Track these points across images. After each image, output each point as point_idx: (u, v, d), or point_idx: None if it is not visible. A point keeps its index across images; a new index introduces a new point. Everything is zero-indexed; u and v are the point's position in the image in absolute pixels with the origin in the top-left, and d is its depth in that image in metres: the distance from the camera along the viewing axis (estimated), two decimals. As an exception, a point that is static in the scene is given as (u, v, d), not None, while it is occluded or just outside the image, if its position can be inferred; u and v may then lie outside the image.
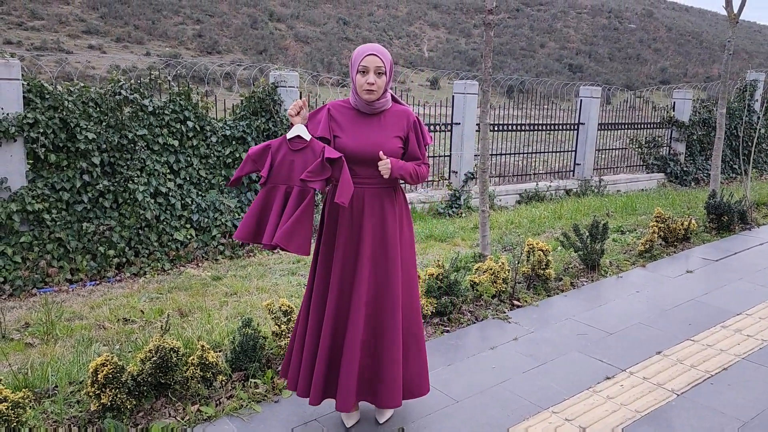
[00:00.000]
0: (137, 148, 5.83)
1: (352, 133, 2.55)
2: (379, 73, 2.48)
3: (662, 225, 5.87)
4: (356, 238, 2.58)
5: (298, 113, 2.55)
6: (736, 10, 7.27)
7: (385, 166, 2.50)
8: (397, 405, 2.65)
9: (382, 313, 2.60)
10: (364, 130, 2.55)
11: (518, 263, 4.55)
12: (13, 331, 4.13)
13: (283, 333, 3.28)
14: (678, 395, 3.10)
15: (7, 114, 5.16)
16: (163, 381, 2.82)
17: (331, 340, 2.60)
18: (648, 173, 11.31)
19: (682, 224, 6.00)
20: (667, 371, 3.35)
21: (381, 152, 2.51)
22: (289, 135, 2.50)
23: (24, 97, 5.26)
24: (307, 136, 2.49)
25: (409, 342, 2.70)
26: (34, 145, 5.30)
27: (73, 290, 5.26)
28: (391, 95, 2.64)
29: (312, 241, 2.53)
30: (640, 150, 11.48)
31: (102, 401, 2.66)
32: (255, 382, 3.05)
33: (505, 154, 9.69)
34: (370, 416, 2.82)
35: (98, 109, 5.63)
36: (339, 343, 2.61)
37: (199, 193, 6.34)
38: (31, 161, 5.41)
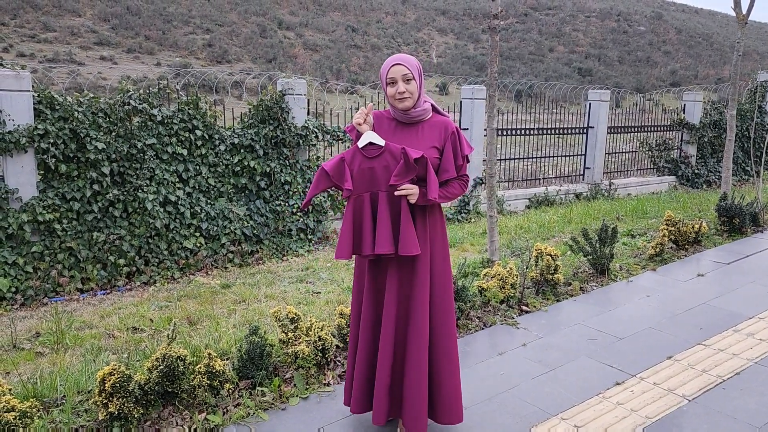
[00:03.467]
0: (146, 157, 5.87)
1: (390, 142, 2.53)
2: (407, 80, 2.48)
3: (673, 228, 5.82)
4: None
5: (365, 121, 2.54)
6: (744, 11, 7.22)
7: (410, 191, 2.43)
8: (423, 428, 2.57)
9: (408, 330, 2.57)
10: (402, 140, 2.54)
11: (527, 268, 4.52)
12: (24, 341, 4.17)
13: (290, 340, 3.28)
14: (689, 401, 3.06)
15: (18, 125, 5.22)
16: (170, 389, 2.83)
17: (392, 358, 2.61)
18: (659, 176, 11.22)
19: (693, 227, 5.94)
20: (678, 376, 3.31)
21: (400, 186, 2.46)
22: (361, 143, 2.49)
23: (35, 109, 5.33)
24: (381, 142, 2.48)
25: (441, 362, 2.62)
26: (45, 156, 5.35)
27: (83, 299, 5.30)
28: (433, 106, 2.62)
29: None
30: (650, 153, 11.40)
31: (109, 410, 2.67)
32: (262, 390, 3.05)
33: (515, 159, 9.66)
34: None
35: (108, 119, 5.68)
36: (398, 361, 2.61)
37: (208, 201, 6.37)
38: (41, 172, 5.47)
